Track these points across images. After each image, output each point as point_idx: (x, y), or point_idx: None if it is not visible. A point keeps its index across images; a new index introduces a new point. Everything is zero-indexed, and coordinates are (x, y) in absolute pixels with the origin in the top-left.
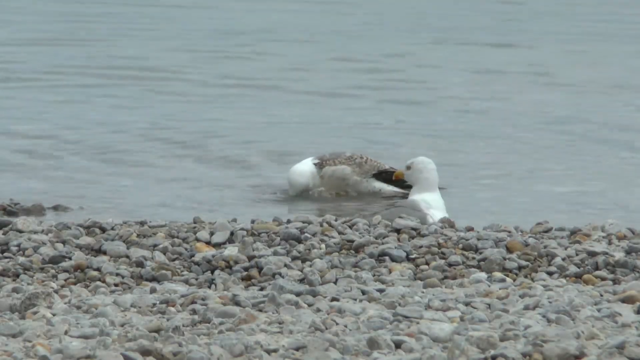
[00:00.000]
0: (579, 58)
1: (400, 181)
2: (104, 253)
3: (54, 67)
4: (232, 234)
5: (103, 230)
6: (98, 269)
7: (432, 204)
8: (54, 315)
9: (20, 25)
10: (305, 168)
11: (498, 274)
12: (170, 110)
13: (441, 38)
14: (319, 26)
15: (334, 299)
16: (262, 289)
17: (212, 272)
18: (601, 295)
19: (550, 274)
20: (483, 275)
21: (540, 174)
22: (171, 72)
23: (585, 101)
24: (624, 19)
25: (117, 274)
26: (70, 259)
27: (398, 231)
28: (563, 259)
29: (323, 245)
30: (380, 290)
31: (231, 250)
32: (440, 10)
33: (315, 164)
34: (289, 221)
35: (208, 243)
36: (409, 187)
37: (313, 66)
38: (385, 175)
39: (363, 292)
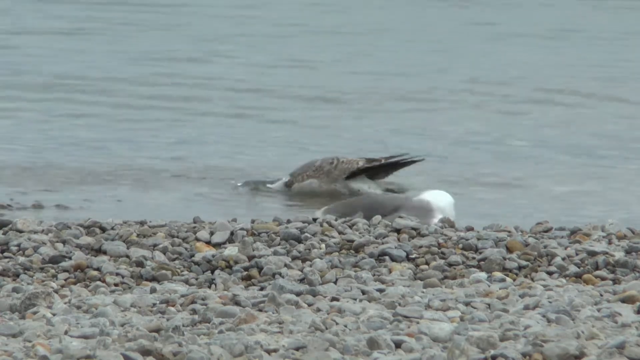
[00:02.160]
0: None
1: (376, 174)
2: (104, 253)
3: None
4: (232, 233)
5: (103, 230)
6: (98, 269)
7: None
8: (54, 315)
9: None
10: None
11: (498, 274)
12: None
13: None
14: None
15: (334, 299)
16: (262, 289)
17: (212, 272)
18: (601, 295)
19: (550, 273)
20: (483, 275)
21: (540, 173)
22: None
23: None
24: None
25: (117, 274)
26: (70, 258)
27: (398, 231)
28: (563, 259)
29: (323, 245)
30: (380, 290)
31: (231, 250)
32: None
33: (284, 183)
34: (289, 221)
35: (208, 243)
36: (388, 185)
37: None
38: (364, 172)
39: (363, 292)
